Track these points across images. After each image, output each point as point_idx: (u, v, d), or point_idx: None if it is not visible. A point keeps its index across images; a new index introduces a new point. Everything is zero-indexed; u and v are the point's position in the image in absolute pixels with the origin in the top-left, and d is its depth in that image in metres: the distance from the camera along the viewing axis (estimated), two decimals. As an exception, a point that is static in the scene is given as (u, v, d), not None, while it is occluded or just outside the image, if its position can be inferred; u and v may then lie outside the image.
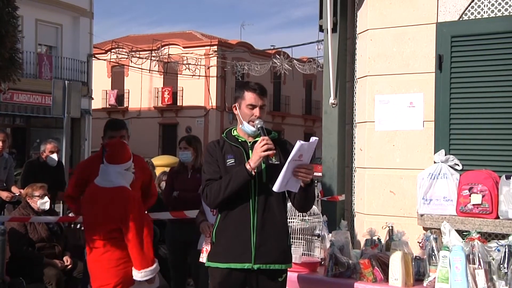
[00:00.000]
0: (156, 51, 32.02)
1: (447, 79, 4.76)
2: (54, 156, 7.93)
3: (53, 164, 7.94)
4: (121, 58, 32.99)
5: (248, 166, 3.51)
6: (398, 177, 4.98)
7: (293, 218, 4.48)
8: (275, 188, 3.46)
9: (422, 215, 4.66)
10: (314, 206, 4.39)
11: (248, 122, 3.67)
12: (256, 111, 3.65)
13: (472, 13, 4.77)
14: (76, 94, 11.51)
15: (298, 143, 3.39)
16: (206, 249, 4.82)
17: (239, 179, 3.53)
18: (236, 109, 3.74)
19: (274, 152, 3.52)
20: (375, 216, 5.03)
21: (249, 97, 3.67)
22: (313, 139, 3.45)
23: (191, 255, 5.83)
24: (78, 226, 6.85)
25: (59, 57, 26.20)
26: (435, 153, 4.76)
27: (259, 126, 3.62)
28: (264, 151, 3.48)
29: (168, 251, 6.17)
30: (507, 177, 4.32)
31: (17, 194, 7.58)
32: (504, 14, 4.64)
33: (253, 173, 3.53)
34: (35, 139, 25.14)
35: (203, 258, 4.82)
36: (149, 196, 5.65)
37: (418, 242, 4.25)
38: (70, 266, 6.47)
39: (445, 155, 4.68)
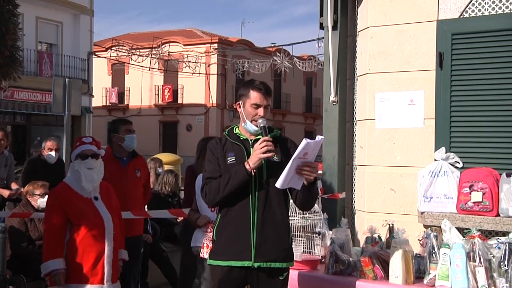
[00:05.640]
0: (156, 49, 31.98)
1: (447, 76, 4.76)
2: (52, 153, 7.93)
3: (51, 162, 7.93)
4: (121, 56, 32.95)
5: (247, 166, 3.51)
6: (399, 175, 4.98)
7: (294, 216, 4.48)
8: (278, 184, 3.45)
9: (422, 213, 4.66)
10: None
11: (251, 121, 3.66)
12: (260, 111, 3.64)
13: (472, 11, 4.76)
14: (76, 92, 11.51)
15: (304, 141, 3.36)
16: (206, 244, 4.81)
17: (238, 179, 3.52)
18: (239, 107, 3.72)
19: (274, 154, 3.51)
20: (375, 214, 5.03)
21: (254, 96, 3.65)
22: (319, 138, 3.43)
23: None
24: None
25: (59, 55, 26.20)
26: (435, 150, 4.76)
27: (261, 125, 3.60)
28: (264, 152, 3.47)
29: (181, 250, 6.14)
30: (508, 175, 4.32)
31: (16, 188, 7.56)
32: (504, 12, 4.63)
33: (253, 173, 3.53)
34: (36, 136, 25.13)
35: (203, 253, 4.82)
36: (146, 193, 6.20)
37: (418, 239, 4.26)
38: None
39: (446, 152, 4.68)
